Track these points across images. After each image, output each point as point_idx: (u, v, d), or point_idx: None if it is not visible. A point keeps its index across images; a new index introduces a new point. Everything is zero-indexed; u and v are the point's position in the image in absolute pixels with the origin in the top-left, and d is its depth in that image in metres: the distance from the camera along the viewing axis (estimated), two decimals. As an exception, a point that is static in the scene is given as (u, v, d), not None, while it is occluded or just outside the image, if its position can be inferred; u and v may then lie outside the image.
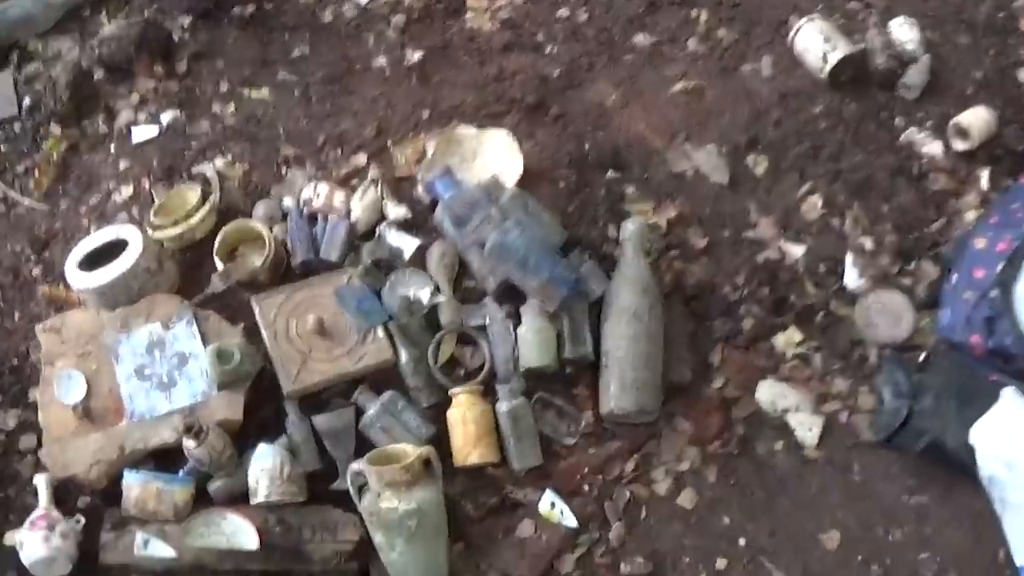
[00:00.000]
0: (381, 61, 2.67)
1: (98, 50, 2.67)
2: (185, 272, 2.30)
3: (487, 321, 2.17)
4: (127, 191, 2.50)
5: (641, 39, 2.69)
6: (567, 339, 2.13)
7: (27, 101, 2.67)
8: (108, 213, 2.48)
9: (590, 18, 2.73)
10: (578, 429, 2.12)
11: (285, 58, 2.71)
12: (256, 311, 2.16)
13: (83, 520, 2.04)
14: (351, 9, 2.78)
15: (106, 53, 2.66)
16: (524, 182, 2.29)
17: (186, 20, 2.75)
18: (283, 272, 2.27)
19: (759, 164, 2.46)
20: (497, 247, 2.09)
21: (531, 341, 2.10)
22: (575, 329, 2.13)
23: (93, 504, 2.08)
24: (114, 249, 2.20)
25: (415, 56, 2.66)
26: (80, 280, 2.17)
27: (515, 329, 2.14)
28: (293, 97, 2.63)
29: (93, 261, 2.20)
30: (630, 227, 2.23)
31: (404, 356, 2.11)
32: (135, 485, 1.99)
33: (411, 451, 1.96)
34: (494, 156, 2.36)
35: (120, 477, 2.01)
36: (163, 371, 2.10)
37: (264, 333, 2.14)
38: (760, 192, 2.43)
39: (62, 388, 2.10)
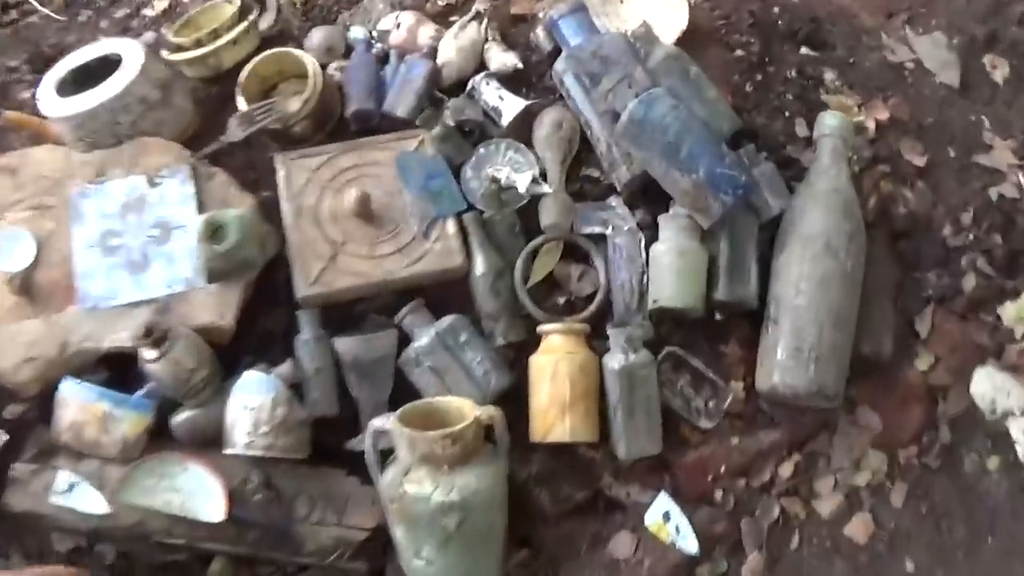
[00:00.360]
0: None
1: None
2: (207, 114, 1.68)
3: (609, 230, 1.51)
4: (161, 4, 2.03)
5: None
6: (723, 272, 1.48)
7: None
8: (134, 29, 1.99)
9: None
10: (720, 407, 1.48)
11: None
12: (279, 174, 1.54)
13: (4, 436, 1.47)
14: None
15: None
16: (686, 42, 1.66)
17: None
18: (332, 127, 1.64)
19: (998, 68, 2.00)
20: (637, 122, 1.44)
21: (669, 268, 1.46)
22: (736, 259, 1.48)
23: (27, 417, 1.51)
24: (108, 69, 1.59)
25: None
26: (53, 105, 1.57)
27: (648, 248, 1.49)
28: None
29: (80, 83, 1.59)
30: (830, 122, 1.58)
31: (481, 266, 1.47)
32: (73, 401, 1.43)
33: (467, 410, 1.35)
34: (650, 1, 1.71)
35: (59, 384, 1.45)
36: (136, 244, 1.50)
37: (284, 207, 1.51)
38: (998, 105, 1.97)
39: (2, 250, 1.51)
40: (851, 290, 1.48)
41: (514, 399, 1.46)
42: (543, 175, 1.52)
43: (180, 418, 1.43)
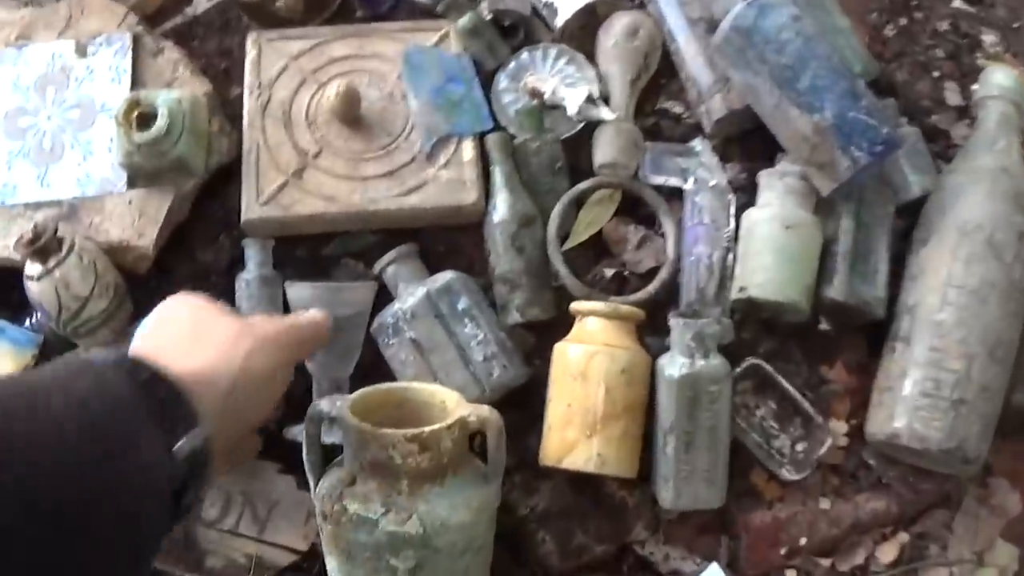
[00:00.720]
0: None
1: None
2: None
3: (688, 184, 1.09)
4: None
5: None
6: (840, 263, 1.04)
7: None
8: None
9: None
10: (813, 453, 1.05)
11: None
12: (249, 55, 1.15)
13: None
14: None
15: None
16: None
17: None
18: (332, 8, 1.23)
19: None
20: (744, 32, 1.02)
21: (768, 245, 1.03)
22: (862, 247, 1.05)
23: None
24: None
25: None
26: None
27: (739, 214, 1.07)
28: None
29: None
30: (1001, 81, 1.12)
31: (502, 209, 1.07)
32: None
33: (452, 405, 0.94)
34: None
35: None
36: (49, 128, 1.12)
37: (246, 99, 1.12)
38: None
39: None
40: (1017, 308, 1.04)
41: (524, 402, 1.05)
42: (604, 99, 1.10)
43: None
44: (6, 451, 0.57)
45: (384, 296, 1.07)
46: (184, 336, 0.82)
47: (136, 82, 1.13)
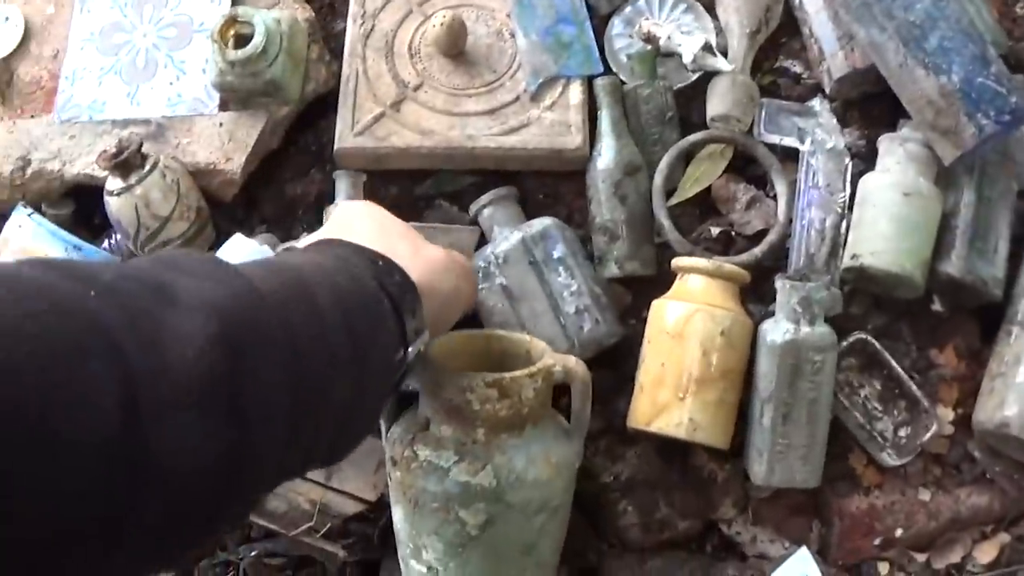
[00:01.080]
0: None
1: None
2: None
3: (804, 145, 1.02)
4: None
5: None
6: (959, 238, 0.98)
7: None
8: None
9: None
10: (917, 439, 0.98)
11: None
12: (351, -21, 1.12)
13: None
14: None
15: None
16: None
17: None
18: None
19: None
20: None
21: (885, 212, 0.96)
22: (982, 223, 0.99)
23: None
24: None
25: None
26: None
27: (856, 179, 1.01)
28: None
29: None
30: None
31: (607, 156, 1.01)
32: (16, 237, 1.02)
33: (536, 353, 0.89)
34: None
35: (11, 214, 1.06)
36: (144, 44, 1.09)
37: (348, 27, 1.08)
38: None
39: None
40: None
41: (616, 362, 1.00)
42: (722, 50, 1.04)
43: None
44: (290, 339, 0.59)
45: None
46: (405, 243, 0.81)
47: (236, 3, 1.09)
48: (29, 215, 1.03)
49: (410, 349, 0.74)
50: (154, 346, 0.52)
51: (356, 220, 0.84)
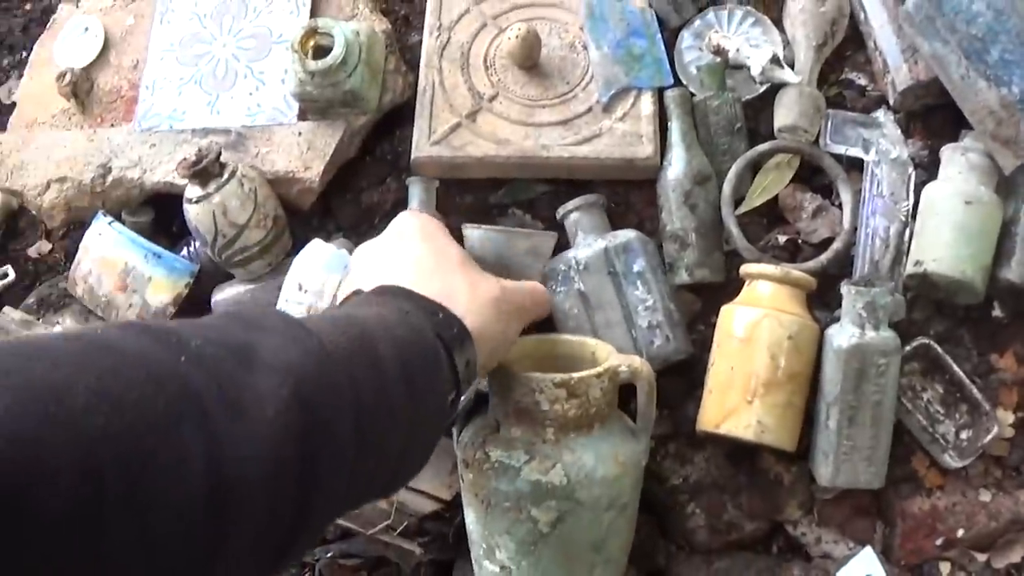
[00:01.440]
0: None
1: None
2: None
3: (869, 155, 1.06)
4: None
5: None
6: (1019, 245, 1.00)
7: None
8: None
9: None
10: (978, 441, 1.02)
11: None
12: (429, -11, 1.17)
13: (10, 275, 1.16)
14: None
15: None
16: None
17: None
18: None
19: None
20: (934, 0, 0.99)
21: (947, 220, 0.99)
22: (1043, 230, 1.02)
23: (52, 256, 1.19)
24: None
25: None
26: None
27: (919, 189, 1.04)
28: None
29: None
30: None
31: (678, 166, 1.04)
32: (97, 244, 1.07)
33: (603, 355, 0.93)
34: None
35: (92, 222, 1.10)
36: (224, 55, 1.13)
37: (426, 39, 1.12)
38: None
39: (67, 41, 1.20)
40: None
41: (685, 369, 1.03)
42: (789, 63, 1.07)
43: (223, 295, 1.05)
44: (355, 393, 0.65)
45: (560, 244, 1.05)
46: (461, 279, 0.85)
47: (315, 15, 1.13)
48: (109, 223, 1.07)
49: (462, 395, 0.79)
50: (237, 408, 0.57)
51: (413, 248, 0.88)
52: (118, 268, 1.05)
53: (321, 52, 1.05)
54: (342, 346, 0.67)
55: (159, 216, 1.12)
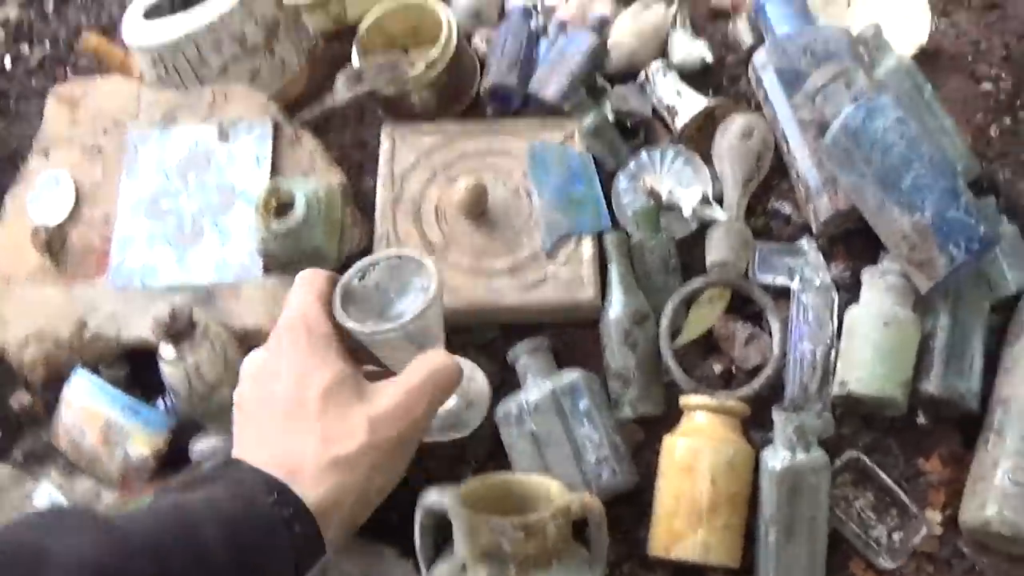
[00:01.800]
0: None
1: None
2: (317, 77, 1.37)
3: (795, 283, 1.15)
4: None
5: None
6: (937, 358, 1.10)
7: None
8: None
9: None
10: (908, 542, 1.10)
11: None
12: (382, 147, 1.24)
13: None
14: None
15: None
16: (922, 63, 1.28)
17: None
18: (462, 108, 1.32)
19: None
20: (852, 134, 1.09)
21: (868, 341, 1.09)
22: (957, 342, 1.11)
23: (35, 411, 1.23)
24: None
25: None
26: (135, 31, 1.30)
27: (842, 311, 1.14)
28: None
29: (178, 11, 1.30)
30: None
31: (617, 306, 1.13)
32: (77, 398, 1.14)
33: (554, 493, 1.01)
34: (885, 4, 1.34)
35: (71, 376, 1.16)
36: (190, 210, 1.21)
37: (379, 191, 1.21)
38: None
39: (40, 196, 1.26)
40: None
41: (635, 495, 1.11)
42: (718, 198, 1.18)
43: (200, 446, 1.11)
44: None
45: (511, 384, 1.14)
46: (313, 437, 0.83)
47: (274, 169, 1.21)
48: (87, 378, 1.13)
49: (310, 567, 0.80)
50: None
51: (271, 388, 0.88)
52: (99, 423, 1.11)
53: (282, 209, 1.12)
54: (152, 534, 0.69)
55: (135, 368, 1.18)
